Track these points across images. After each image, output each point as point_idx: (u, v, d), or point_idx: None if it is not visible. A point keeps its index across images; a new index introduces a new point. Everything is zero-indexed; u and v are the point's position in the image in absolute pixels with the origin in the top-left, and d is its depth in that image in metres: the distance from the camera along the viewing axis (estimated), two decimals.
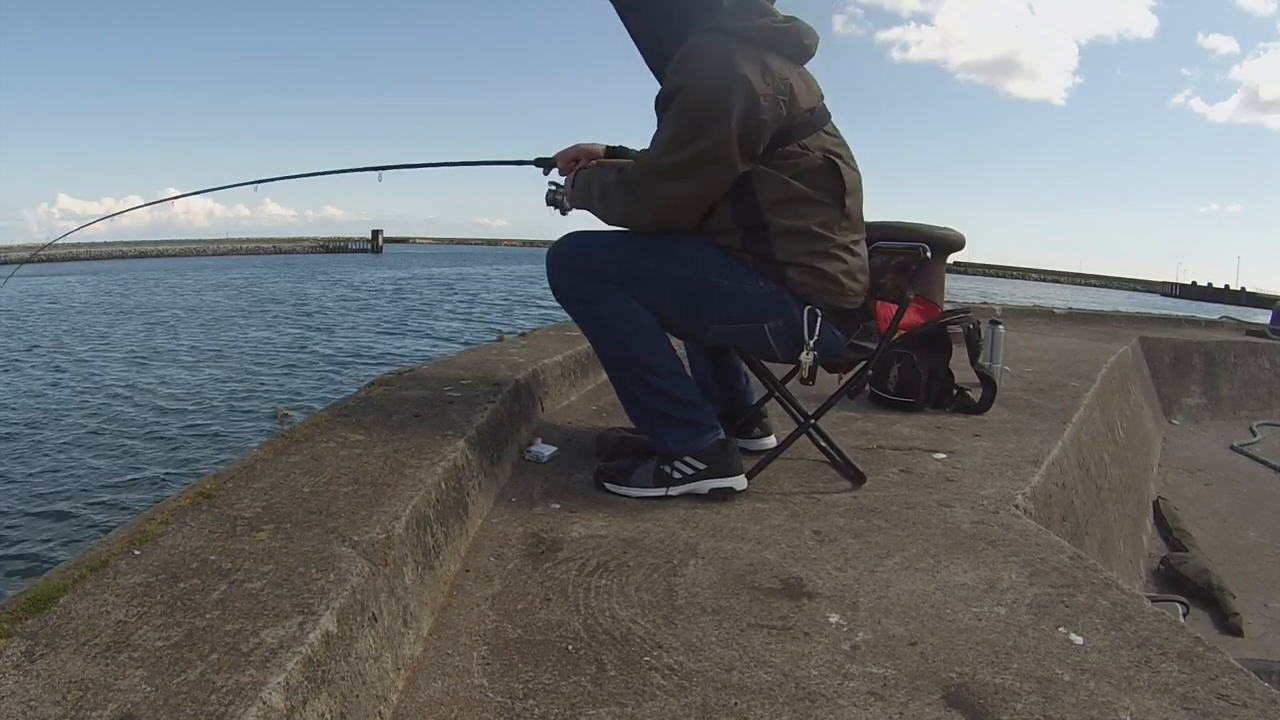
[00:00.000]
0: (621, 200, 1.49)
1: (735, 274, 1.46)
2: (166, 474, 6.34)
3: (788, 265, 1.44)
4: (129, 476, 6.33)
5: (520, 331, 3.02)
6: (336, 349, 13.39)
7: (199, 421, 8.13)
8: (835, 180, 1.44)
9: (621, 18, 1.57)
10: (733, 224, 1.44)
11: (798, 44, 1.44)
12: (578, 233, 1.56)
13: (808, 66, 1.49)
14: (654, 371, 1.50)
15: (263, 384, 10.26)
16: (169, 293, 26.29)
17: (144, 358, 12.26)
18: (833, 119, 1.50)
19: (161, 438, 7.49)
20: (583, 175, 1.63)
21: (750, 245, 1.44)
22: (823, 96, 1.49)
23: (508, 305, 21.12)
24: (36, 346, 13.53)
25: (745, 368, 1.81)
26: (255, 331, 15.80)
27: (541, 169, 1.79)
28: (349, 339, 14.73)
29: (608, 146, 1.73)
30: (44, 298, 23.87)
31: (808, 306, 1.45)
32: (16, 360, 11.96)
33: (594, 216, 1.58)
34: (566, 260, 1.53)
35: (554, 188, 1.77)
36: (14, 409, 8.68)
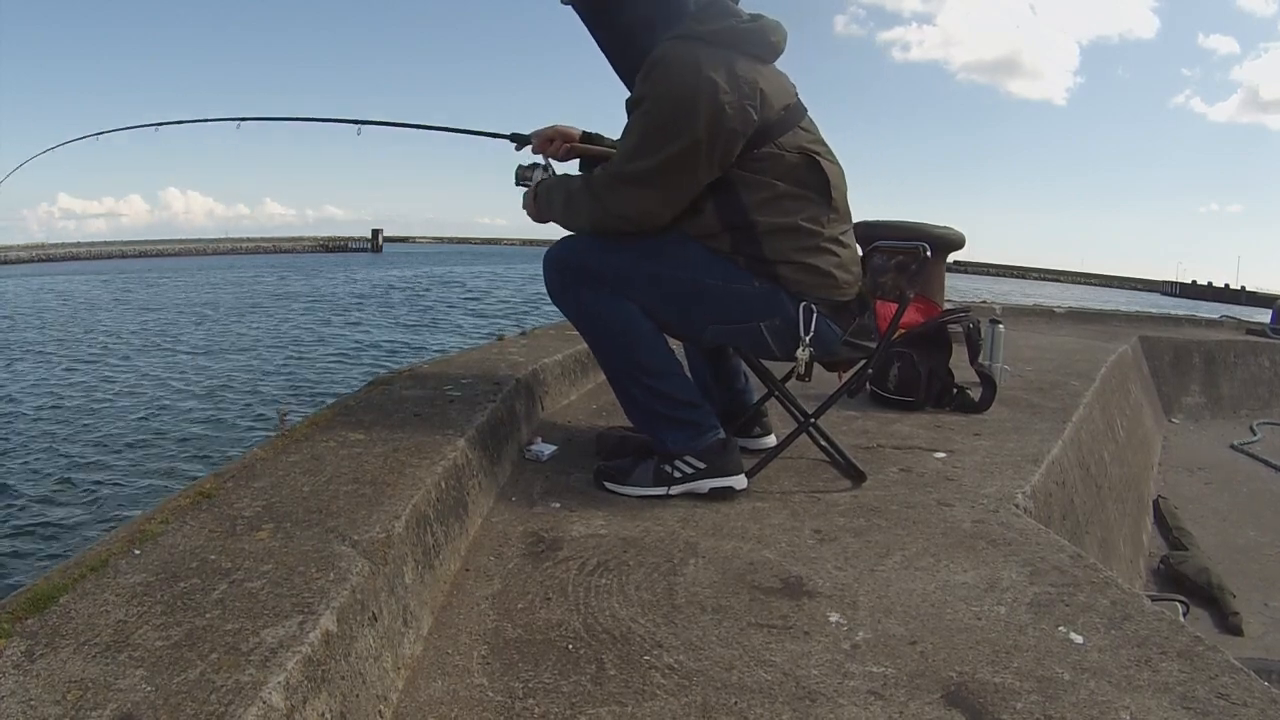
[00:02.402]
0: (586, 206, 1.49)
1: (729, 274, 1.46)
2: (167, 473, 6.34)
3: (779, 263, 1.44)
4: (129, 475, 6.33)
5: (521, 330, 3.02)
6: (359, 345, 13.40)
7: (203, 419, 8.13)
8: (817, 175, 1.44)
9: (591, 33, 1.57)
10: (720, 227, 1.44)
11: (765, 43, 1.44)
12: (574, 236, 1.56)
13: (792, 59, 1.49)
14: (652, 373, 1.50)
15: (278, 381, 10.24)
16: (180, 290, 26.37)
17: (152, 356, 12.24)
18: (809, 114, 1.50)
19: (164, 436, 7.48)
20: (544, 185, 1.61)
21: (740, 246, 1.44)
22: (796, 93, 1.49)
23: (522, 303, 20.98)
24: (46, 343, 13.56)
25: (744, 367, 1.81)
26: (272, 328, 15.77)
27: (515, 145, 1.77)
28: (370, 336, 14.74)
29: (584, 132, 1.72)
30: (59, 294, 24.11)
31: (803, 303, 1.45)
32: (19, 357, 11.96)
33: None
34: (563, 264, 1.53)
35: (525, 166, 1.72)
36: (15, 405, 8.68)
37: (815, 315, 1.45)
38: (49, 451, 6.95)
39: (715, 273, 1.46)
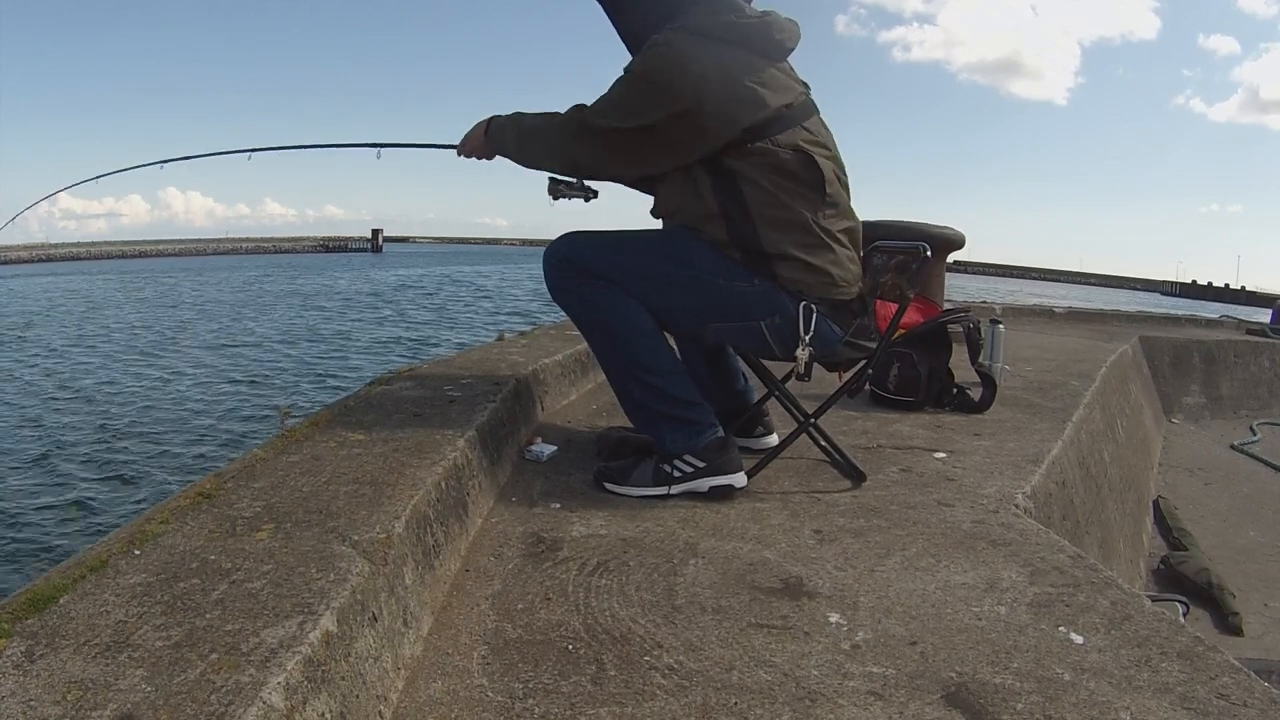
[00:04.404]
0: (543, 143, 1.54)
1: (729, 273, 1.46)
2: (167, 473, 6.34)
3: (776, 259, 1.44)
4: (129, 475, 6.33)
5: (521, 330, 3.02)
6: (376, 342, 13.44)
7: (212, 418, 8.13)
8: (812, 172, 1.44)
9: (611, 19, 1.59)
10: (718, 211, 1.45)
11: (769, 39, 1.44)
12: (574, 232, 1.56)
13: (794, 60, 1.49)
14: (651, 371, 1.50)
15: (289, 381, 10.22)
16: (186, 290, 26.48)
17: (158, 356, 12.23)
18: (820, 113, 1.50)
19: (166, 436, 7.48)
20: (498, 120, 1.63)
21: (737, 237, 1.45)
22: (804, 91, 1.49)
23: (532, 302, 20.97)
24: (48, 343, 13.57)
25: (744, 367, 1.81)
26: (282, 327, 15.81)
27: None
28: (383, 333, 14.80)
29: None
30: (67, 293, 24.29)
31: (802, 302, 1.45)
32: (24, 357, 11.95)
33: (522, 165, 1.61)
34: (563, 260, 1.53)
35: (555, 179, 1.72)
36: (16, 405, 8.68)
37: (815, 315, 1.45)
38: (49, 452, 6.95)
39: (716, 271, 1.46)
